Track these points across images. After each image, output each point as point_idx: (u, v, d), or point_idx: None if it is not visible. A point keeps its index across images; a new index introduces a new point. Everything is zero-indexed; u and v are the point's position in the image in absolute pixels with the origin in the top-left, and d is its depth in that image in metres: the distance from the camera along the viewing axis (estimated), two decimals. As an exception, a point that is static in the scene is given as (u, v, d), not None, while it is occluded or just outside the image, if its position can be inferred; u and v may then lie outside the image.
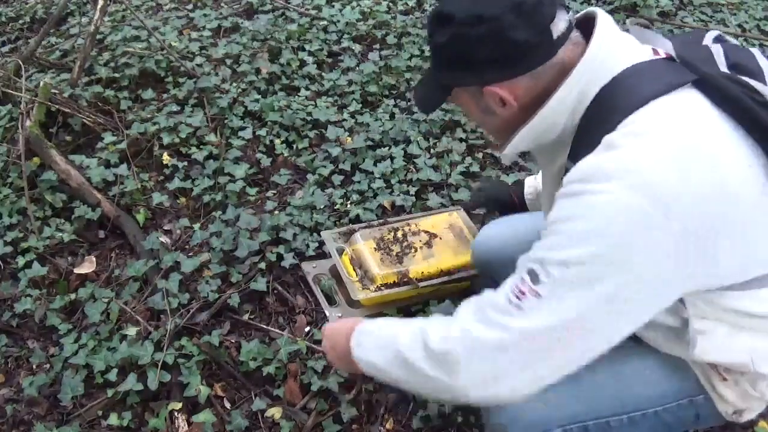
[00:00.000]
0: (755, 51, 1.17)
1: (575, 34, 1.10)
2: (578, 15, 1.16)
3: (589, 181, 0.98)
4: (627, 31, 1.17)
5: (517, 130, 1.15)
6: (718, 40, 1.19)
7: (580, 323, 0.98)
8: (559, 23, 1.07)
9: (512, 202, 1.73)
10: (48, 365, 1.79)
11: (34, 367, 1.80)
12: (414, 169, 2.38)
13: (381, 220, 2.00)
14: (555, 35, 1.07)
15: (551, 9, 1.07)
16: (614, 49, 1.08)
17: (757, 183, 1.03)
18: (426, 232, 1.92)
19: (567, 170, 1.07)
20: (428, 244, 1.88)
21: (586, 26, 1.12)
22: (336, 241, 1.92)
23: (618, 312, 0.98)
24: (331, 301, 1.90)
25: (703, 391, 1.19)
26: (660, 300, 1.02)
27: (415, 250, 1.86)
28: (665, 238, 0.95)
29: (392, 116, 2.62)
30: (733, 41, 1.21)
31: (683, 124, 1.01)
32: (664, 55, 1.11)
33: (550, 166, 1.22)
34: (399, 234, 1.90)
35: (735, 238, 1.01)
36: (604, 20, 1.11)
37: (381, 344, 1.16)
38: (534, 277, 0.99)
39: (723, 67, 1.10)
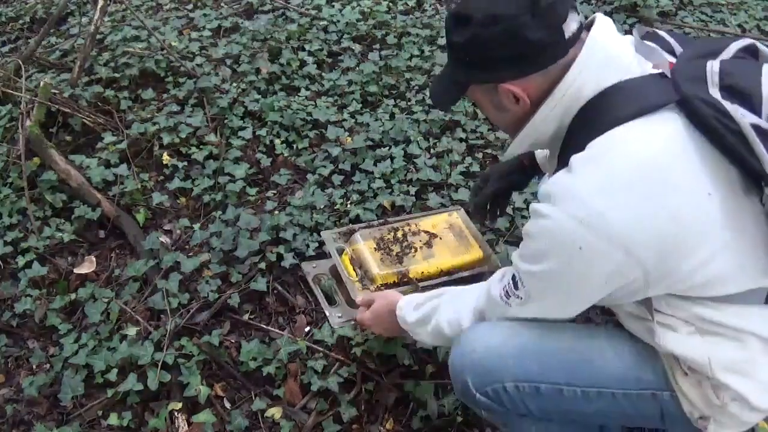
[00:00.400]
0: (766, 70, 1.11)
1: (584, 35, 1.14)
2: (587, 21, 1.19)
3: (545, 201, 1.10)
4: (630, 33, 1.20)
5: (517, 132, 1.21)
6: (747, 51, 1.16)
7: (545, 315, 1.24)
8: (571, 23, 1.11)
9: (523, 167, 1.70)
10: (48, 365, 1.79)
11: (34, 367, 1.80)
12: (414, 169, 2.38)
13: (381, 220, 1.99)
14: (567, 35, 1.11)
15: (564, 9, 1.10)
16: (603, 63, 1.12)
17: (717, 212, 1.06)
18: (426, 232, 1.91)
19: (557, 169, 1.17)
20: (428, 244, 1.88)
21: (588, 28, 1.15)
22: (336, 241, 1.92)
23: (575, 303, 1.19)
24: (331, 301, 1.90)
25: (669, 388, 1.20)
26: (614, 294, 1.14)
27: (415, 250, 1.86)
28: (604, 263, 1.06)
29: (392, 116, 2.62)
30: (766, 52, 1.17)
31: (642, 154, 1.06)
32: (658, 71, 1.14)
33: (550, 165, 1.30)
34: (399, 234, 1.90)
35: (692, 261, 1.06)
36: (600, 27, 1.14)
37: (430, 331, 1.39)
38: (515, 282, 1.22)
39: (713, 89, 1.07)
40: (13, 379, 1.79)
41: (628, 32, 1.24)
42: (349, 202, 2.24)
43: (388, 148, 2.46)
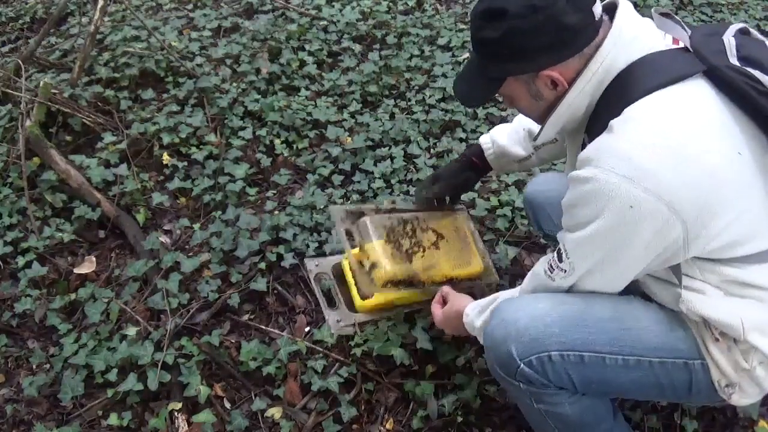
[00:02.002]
0: None
1: (606, 17, 1.18)
2: (605, 3, 1.23)
3: (589, 165, 1.11)
4: (650, 17, 1.24)
5: (547, 117, 1.24)
6: (742, 32, 1.24)
7: (587, 288, 1.26)
8: (597, 5, 1.16)
9: (475, 166, 1.78)
10: (48, 365, 1.79)
11: (34, 367, 1.80)
12: (414, 169, 2.38)
13: (390, 206, 1.95)
14: (596, 16, 1.15)
15: None
16: (631, 37, 1.16)
17: (746, 170, 1.12)
18: (434, 231, 1.88)
19: (584, 143, 1.22)
20: (435, 245, 1.85)
21: (610, 14, 1.19)
22: (343, 221, 1.88)
23: (616, 272, 1.21)
24: (331, 303, 1.90)
25: (700, 357, 1.23)
26: (652, 263, 1.17)
27: (423, 250, 1.83)
28: (651, 221, 1.08)
29: (392, 116, 2.62)
30: (757, 35, 1.25)
31: (678, 115, 1.11)
32: (680, 45, 1.19)
33: (574, 142, 1.31)
34: (408, 228, 1.86)
35: (724, 219, 1.10)
36: (624, 7, 1.19)
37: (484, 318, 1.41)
38: (559, 255, 1.24)
39: (733, 59, 1.16)
40: (13, 379, 1.79)
41: None
42: (349, 202, 2.24)
43: (388, 148, 2.46)
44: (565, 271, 1.23)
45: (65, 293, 1.95)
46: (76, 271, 2.03)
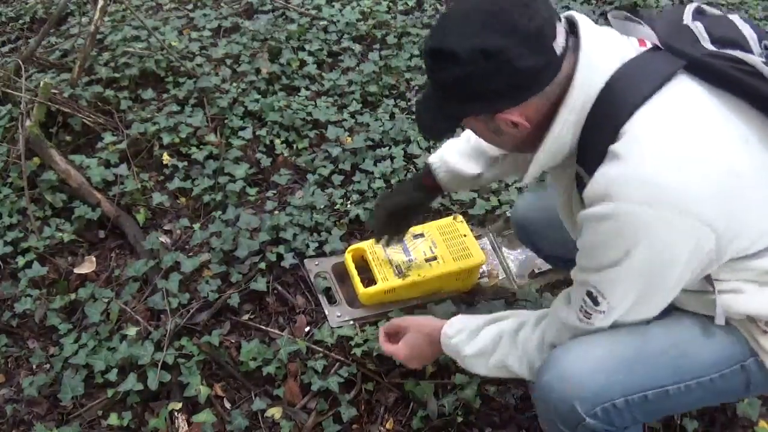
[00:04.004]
0: (735, 18, 1.17)
1: (571, 41, 1.10)
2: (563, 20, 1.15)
3: (604, 201, 1.04)
4: (609, 25, 1.17)
5: (532, 154, 1.16)
6: (698, 13, 1.19)
7: (629, 319, 1.19)
8: (559, 38, 1.07)
9: (427, 186, 1.65)
10: (48, 365, 1.79)
11: (34, 367, 1.80)
12: (414, 169, 2.38)
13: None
14: (558, 51, 1.07)
15: (551, 29, 1.06)
16: (601, 55, 1.09)
17: (758, 153, 1.07)
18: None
19: (579, 176, 1.14)
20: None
21: (569, 30, 1.12)
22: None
23: (660, 298, 1.15)
24: (331, 300, 1.91)
25: (753, 353, 1.19)
26: (691, 278, 1.12)
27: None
28: (685, 239, 1.03)
29: (392, 116, 2.62)
30: (713, 11, 1.21)
31: (678, 122, 1.05)
32: (649, 46, 1.12)
33: (562, 175, 1.24)
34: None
35: (753, 210, 1.06)
36: (585, 26, 1.11)
37: (491, 365, 1.35)
38: (593, 299, 1.15)
39: (707, 44, 1.11)
40: (13, 379, 1.79)
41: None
42: (349, 202, 2.24)
43: (388, 148, 2.46)
44: (604, 312, 1.16)
45: (65, 293, 1.95)
46: (76, 271, 2.03)
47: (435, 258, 1.87)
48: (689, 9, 1.19)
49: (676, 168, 1.01)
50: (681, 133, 1.04)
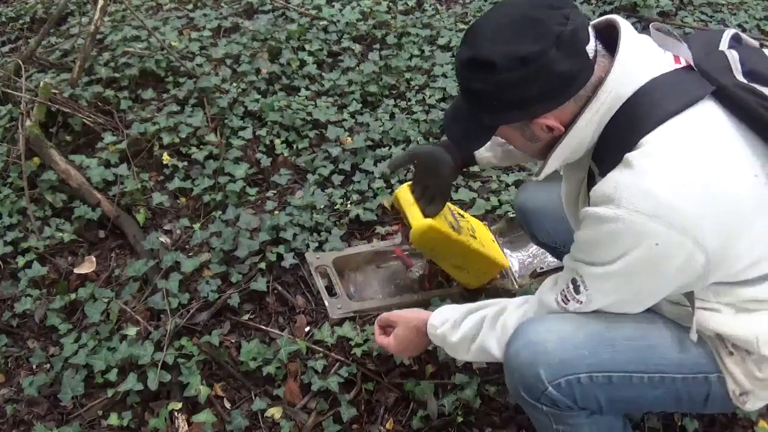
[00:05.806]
0: None
1: (599, 47, 1.13)
2: (596, 22, 1.18)
3: (611, 203, 1.08)
4: (648, 34, 1.19)
5: (551, 151, 1.19)
6: (735, 40, 1.21)
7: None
8: (591, 41, 1.10)
9: (456, 165, 1.65)
10: (48, 365, 1.79)
11: (34, 367, 1.80)
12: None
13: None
14: (591, 55, 1.10)
15: (585, 32, 1.09)
16: (637, 62, 1.12)
17: (762, 189, 1.10)
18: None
19: (591, 172, 1.19)
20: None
21: (606, 34, 1.14)
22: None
23: (636, 305, 1.21)
24: (331, 293, 1.91)
25: (717, 370, 1.22)
26: (672, 292, 1.17)
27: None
28: (677, 255, 1.06)
29: (392, 116, 2.62)
30: (751, 41, 1.23)
31: (696, 145, 1.08)
32: (684, 64, 1.15)
33: (576, 168, 1.26)
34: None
35: (744, 243, 1.09)
36: (626, 31, 1.13)
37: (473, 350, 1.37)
38: (576, 287, 1.20)
39: (739, 75, 1.13)
40: (13, 379, 1.79)
41: None
42: (349, 202, 2.24)
43: (388, 148, 2.46)
44: (582, 302, 1.21)
45: (65, 293, 1.95)
46: (76, 271, 2.03)
47: (476, 239, 1.85)
48: (727, 35, 1.21)
49: (681, 188, 1.05)
50: (694, 155, 1.07)
